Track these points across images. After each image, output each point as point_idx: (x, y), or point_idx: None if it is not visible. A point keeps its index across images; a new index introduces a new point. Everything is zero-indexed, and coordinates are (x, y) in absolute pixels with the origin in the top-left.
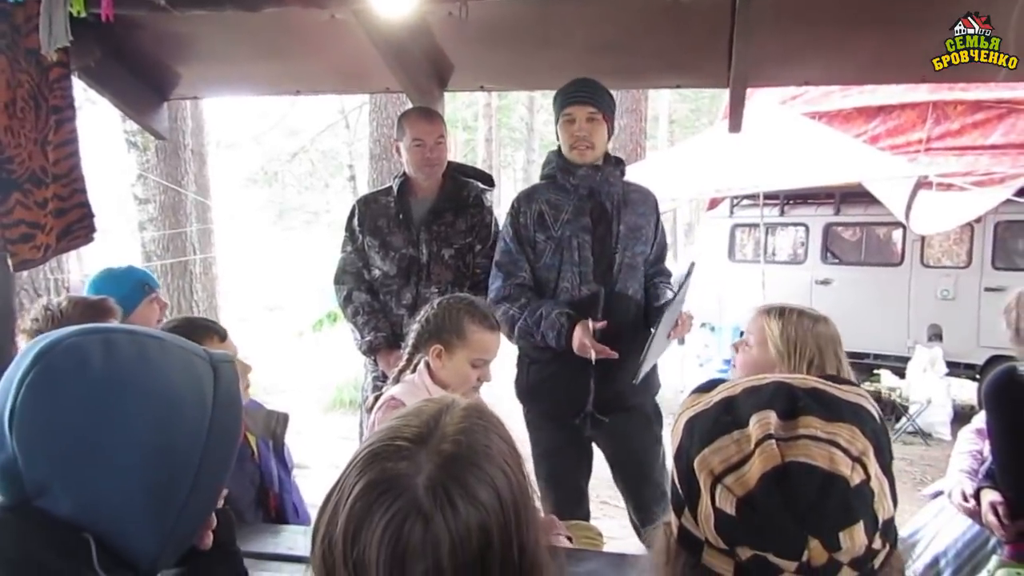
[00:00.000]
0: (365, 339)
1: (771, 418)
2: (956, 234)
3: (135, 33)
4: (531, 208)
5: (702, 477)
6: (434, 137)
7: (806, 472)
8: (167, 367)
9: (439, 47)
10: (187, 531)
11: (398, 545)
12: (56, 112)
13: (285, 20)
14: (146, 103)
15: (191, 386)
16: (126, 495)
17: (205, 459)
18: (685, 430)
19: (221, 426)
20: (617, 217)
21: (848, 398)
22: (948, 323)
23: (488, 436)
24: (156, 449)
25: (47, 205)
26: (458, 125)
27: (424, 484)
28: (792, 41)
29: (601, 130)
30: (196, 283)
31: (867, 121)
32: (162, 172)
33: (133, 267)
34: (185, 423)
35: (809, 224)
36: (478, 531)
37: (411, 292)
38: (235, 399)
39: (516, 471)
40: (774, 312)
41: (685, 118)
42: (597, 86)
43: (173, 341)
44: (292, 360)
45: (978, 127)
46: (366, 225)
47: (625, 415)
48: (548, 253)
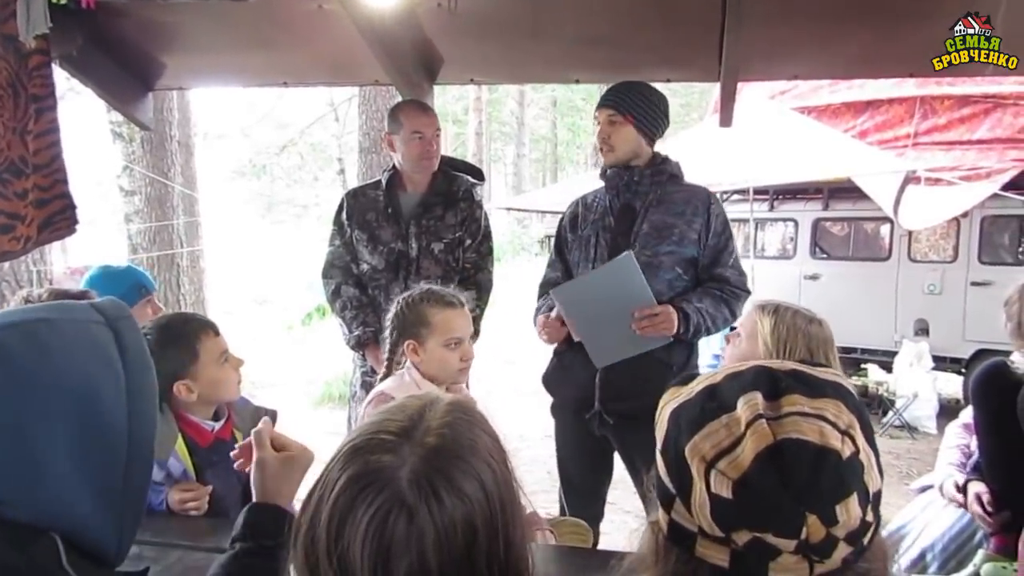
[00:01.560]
0: (353, 333)
1: (758, 399)
2: (943, 229)
3: (118, 21)
4: (571, 211)
5: (694, 464)
6: (432, 130)
7: (799, 448)
8: (66, 349)
9: (428, 39)
10: (137, 501)
11: (383, 539)
12: (36, 101)
13: (272, 10)
14: (130, 93)
15: (96, 356)
16: (73, 492)
17: (132, 425)
18: (671, 421)
19: (137, 386)
20: (644, 216)
21: (826, 377)
22: (934, 317)
23: (472, 431)
24: (84, 437)
25: (27, 196)
26: (448, 119)
27: (408, 477)
28: (782, 35)
29: (622, 131)
30: (183, 276)
31: (855, 116)
32: (148, 164)
33: (132, 267)
34: (103, 401)
35: (798, 219)
36: (463, 524)
37: (400, 286)
38: (143, 353)
39: (501, 465)
40: (769, 308)
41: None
42: (625, 87)
43: (61, 316)
44: (281, 354)
45: (965, 122)
46: (355, 219)
47: (634, 421)
48: (574, 251)
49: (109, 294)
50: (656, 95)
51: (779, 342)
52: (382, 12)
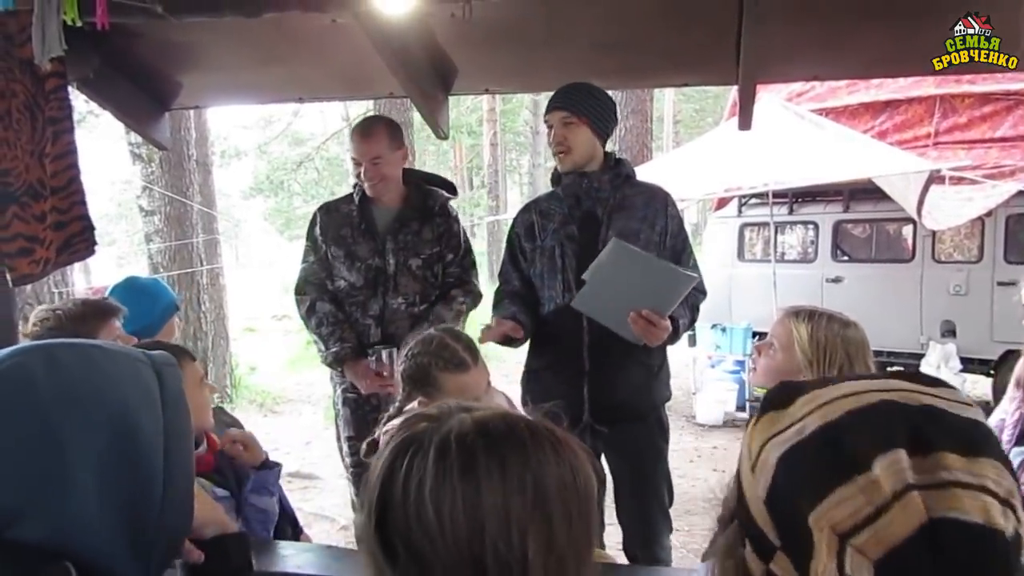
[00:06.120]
0: (330, 350)
1: (902, 460)
2: (967, 229)
3: (133, 42)
4: (524, 219)
5: (824, 536)
6: (368, 158)
7: (960, 530)
8: (114, 375)
9: (442, 50)
10: (167, 545)
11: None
12: (53, 123)
13: (285, 26)
14: (146, 113)
15: (140, 391)
16: (95, 514)
17: (168, 465)
18: (780, 468)
19: (175, 428)
20: (607, 223)
21: (968, 415)
22: (961, 319)
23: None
24: (117, 461)
25: (46, 218)
26: (463, 131)
27: (455, 433)
28: (801, 35)
29: (578, 132)
30: (203, 294)
31: (874, 117)
32: (167, 183)
33: (159, 282)
34: (141, 430)
35: (819, 222)
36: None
37: (378, 303)
38: (182, 401)
39: (575, 481)
40: (803, 315)
41: (690, 118)
42: (575, 88)
43: (114, 348)
44: (300, 369)
45: (986, 120)
46: (329, 234)
47: (627, 426)
48: (536, 262)
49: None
50: (606, 96)
51: (818, 350)
52: (395, 24)
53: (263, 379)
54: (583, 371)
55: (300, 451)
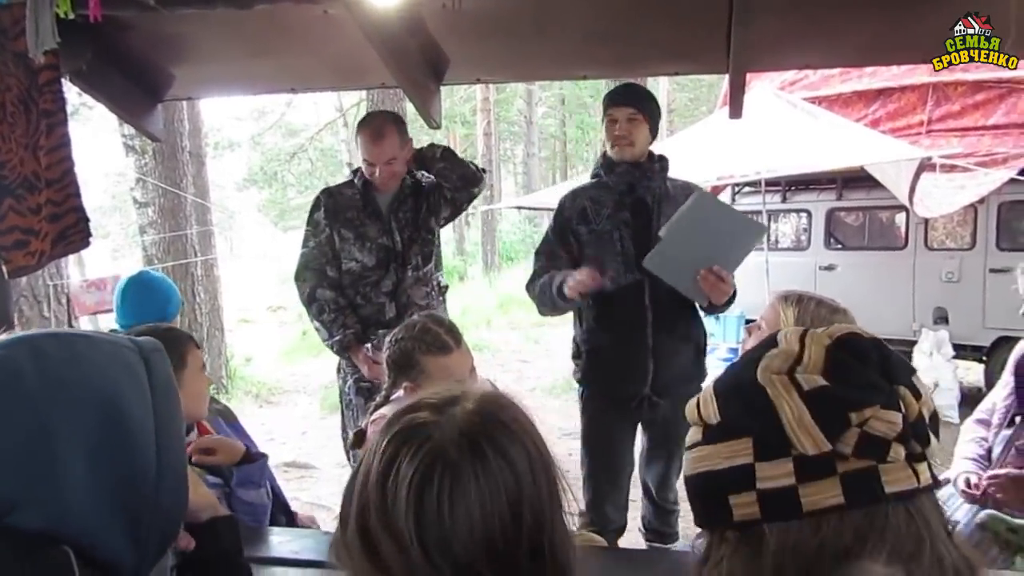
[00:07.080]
0: (335, 338)
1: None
2: (959, 216)
3: (126, 34)
4: (575, 204)
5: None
6: (383, 160)
7: (856, 339)
8: (100, 362)
9: (434, 40)
10: (164, 529)
11: (426, 498)
12: (47, 116)
13: (277, 17)
14: (139, 105)
15: (128, 377)
16: (90, 501)
17: (160, 449)
18: (718, 388)
19: (165, 413)
20: (657, 211)
21: None
22: (953, 305)
23: (512, 409)
24: (108, 447)
25: (41, 211)
26: (456, 120)
27: (451, 435)
28: (792, 25)
29: (641, 129)
30: (198, 285)
31: (867, 105)
32: (160, 175)
33: (166, 280)
34: (131, 416)
35: (812, 210)
36: (509, 493)
37: (391, 280)
38: (171, 386)
39: (543, 448)
40: (791, 299)
41: (684, 107)
42: (639, 89)
43: (99, 336)
44: (296, 360)
45: (979, 108)
46: (337, 217)
47: (678, 399)
48: (591, 245)
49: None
50: (656, 100)
51: None
52: (387, 15)
53: (258, 370)
54: (647, 347)
55: (296, 441)
